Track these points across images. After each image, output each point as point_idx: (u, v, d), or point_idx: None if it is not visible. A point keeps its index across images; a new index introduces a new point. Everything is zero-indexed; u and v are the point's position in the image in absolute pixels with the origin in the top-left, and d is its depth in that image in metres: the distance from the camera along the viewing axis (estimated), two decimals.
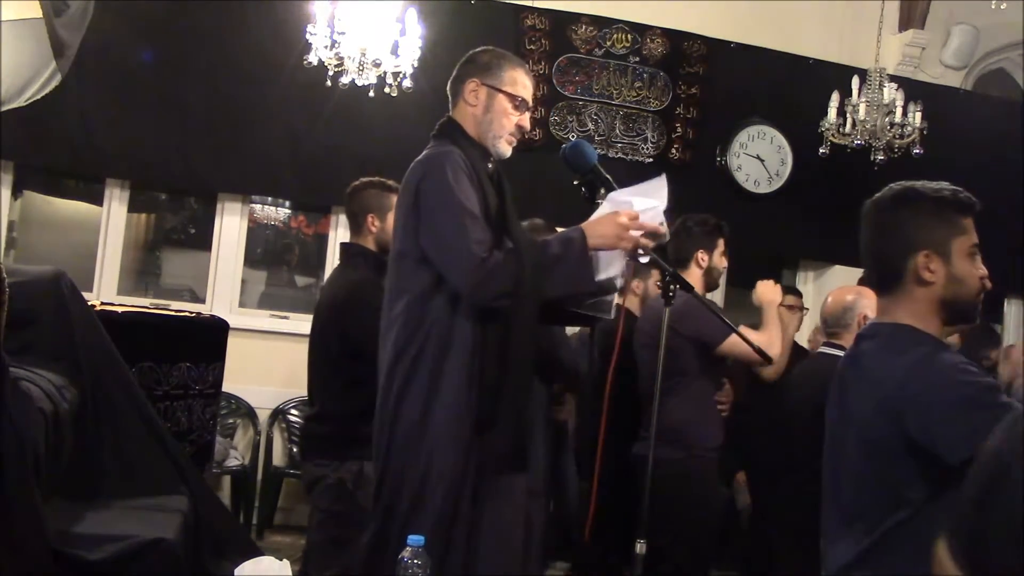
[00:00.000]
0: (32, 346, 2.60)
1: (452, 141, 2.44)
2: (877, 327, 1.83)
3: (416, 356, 2.33)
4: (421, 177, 2.36)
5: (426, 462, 2.29)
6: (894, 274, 1.78)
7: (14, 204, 5.66)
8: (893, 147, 5.33)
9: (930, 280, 1.74)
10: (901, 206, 1.79)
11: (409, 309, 2.36)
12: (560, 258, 2.27)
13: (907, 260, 1.75)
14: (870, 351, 1.78)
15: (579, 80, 5.93)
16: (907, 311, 1.77)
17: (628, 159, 5.95)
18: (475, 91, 2.47)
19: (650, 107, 6.03)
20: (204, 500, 2.90)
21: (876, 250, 1.83)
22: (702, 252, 3.52)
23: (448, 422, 2.30)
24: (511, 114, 2.47)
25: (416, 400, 2.32)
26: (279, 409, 5.59)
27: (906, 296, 1.77)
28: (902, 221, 1.78)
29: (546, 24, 5.87)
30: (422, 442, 2.30)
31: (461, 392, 2.30)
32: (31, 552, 2.04)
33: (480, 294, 2.25)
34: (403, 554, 1.81)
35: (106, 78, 5.20)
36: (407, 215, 2.39)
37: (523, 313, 2.26)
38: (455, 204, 2.28)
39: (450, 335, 2.31)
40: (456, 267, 2.26)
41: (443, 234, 2.29)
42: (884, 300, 1.83)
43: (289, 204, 6.12)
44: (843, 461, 1.80)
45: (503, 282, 2.23)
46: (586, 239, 2.28)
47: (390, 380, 2.37)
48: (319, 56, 4.56)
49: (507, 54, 2.57)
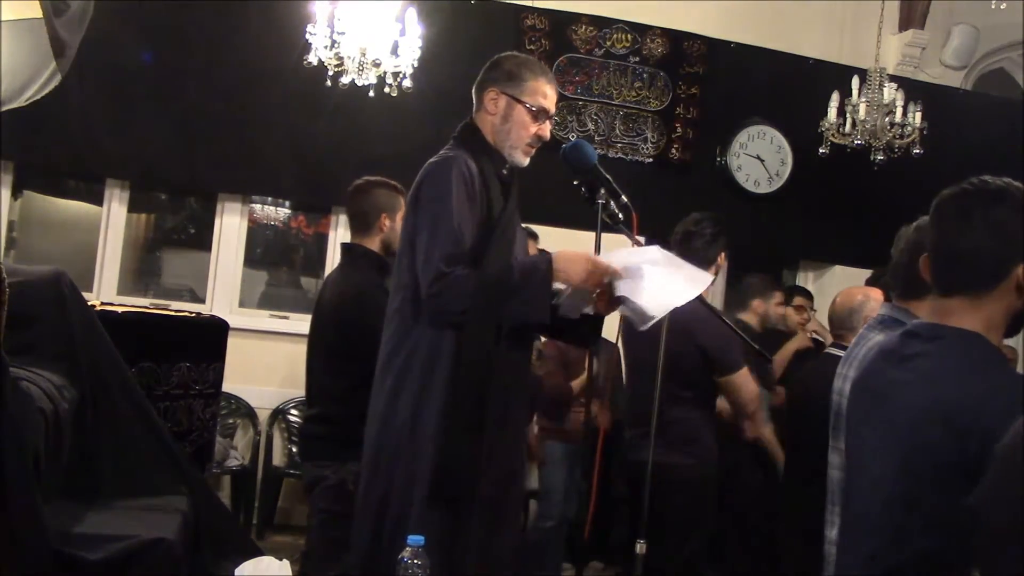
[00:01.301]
0: (32, 346, 2.60)
1: (467, 146, 2.45)
2: (940, 329, 1.63)
3: (408, 357, 2.33)
4: (423, 181, 2.38)
5: (414, 462, 2.30)
6: (990, 278, 1.59)
7: (14, 204, 5.66)
8: (893, 147, 5.33)
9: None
10: (1011, 206, 1.59)
11: (403, 309, 2.37)
12: (520, 286, 2.25)
13: (1016, 265, 1.57)
14: (934, 354, 1.61)
15: (579, 80, 5.93)
16: (981, 318, 1.60)
17: (628, 159, 5.95)
18: (495, 99, 2.47)
19: (650, 107, 6.03)
20: (204, 500, 2.89)
21: (978, 247, 1.60)
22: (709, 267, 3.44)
23: (438, 425, 2.30)
24: (529, 125, 2.46)
25: (408, 400, 2.32)
26: (279, 409, 5.59)
27: (991, 302, 1.60)
28: (1013, 222, 1.58)
29: (546, 24, 5.87)
30: (411, 442, 2.31)
31: (452, 392, 2.30)
32: (31, 552, 2.04)
33: (433, 307, 2.27)
34: (403, 554, 1.81)
35: (106, 78, 5.20)
36: (408, 216, 2.41)
37: (474, 334, 2.25)
38: (442, 214, 2.29)
39: (442, 336, 2.32)
40: (421, 276, 2.29)
41: (422, 241, 2.31)
42: (952, 301, 1.63)
43: (289, 204, 6.12)
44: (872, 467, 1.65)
45: (456, 301, 2.24)
46: (552, 270, 2.26)
47: (383, 379, 2.37)
48: (319, 56, 4.56)
49: (531, 61, 2.55)
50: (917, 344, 1.64)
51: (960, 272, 1.63)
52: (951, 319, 1.62)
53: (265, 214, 6.12)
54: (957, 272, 1.63)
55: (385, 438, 2.36)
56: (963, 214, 1.61)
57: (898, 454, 1.58)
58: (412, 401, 2.32)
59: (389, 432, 2.35)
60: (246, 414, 5.59)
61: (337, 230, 5.89)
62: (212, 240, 5.80)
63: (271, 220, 6.17)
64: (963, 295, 1.62)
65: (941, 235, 1.65)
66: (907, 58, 6.52)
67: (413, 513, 2.29)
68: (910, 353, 1.64)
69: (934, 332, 1.64)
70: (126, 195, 5.70)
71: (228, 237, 5.78)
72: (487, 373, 2.27)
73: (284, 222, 6.21)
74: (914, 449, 1.55)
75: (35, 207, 5.98)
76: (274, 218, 6.18)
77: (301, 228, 6.26)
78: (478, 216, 2.36)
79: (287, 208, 6.15)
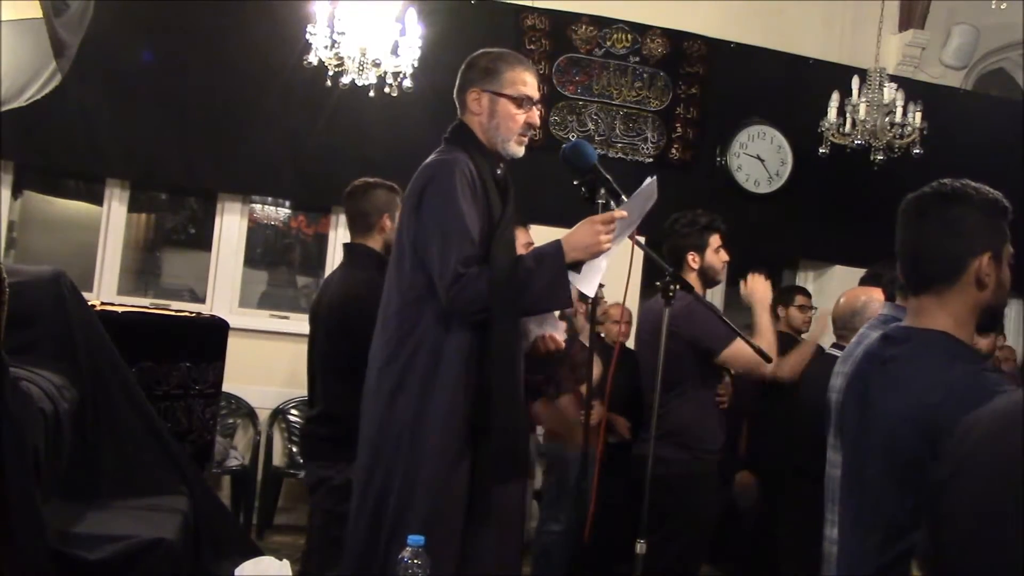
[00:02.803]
0: (32, 346, 2.60)
1: (462, 147, 2.45)
2: (909, 331, 1.72)
3: (409, 359, 2.33)
4: (427, 183, 2.38)
5: (416, 467, 2.30)
6: (950, 274, 1.67)
7: (14, 204, 5.66)
8: (893, 147, 5.33)
9: (987, 283, 1.67)
10: (967, 204, 1.68)
11: (403, 311, 2.37)
12: (533, 273, 2.29)
13: (971, 261, 1.66)
14: (904, 357, 1.68)
15: (579, 80, 5.93)
16: (949, 314, 1.68)
17: (628, 159, 5.95)
18: (477, 99, 2.48)
19: (650, 107, 6.03)
20: (204, 500, 2.90)
21: (934, 247, 1.69)
22: (692, 254, 3.45)
23: (441, 427, 2.30)
24: (516, 115, 2.47)
25: (408, 403, 2.32)
26: (279, 409, 5.59)
27: (954, 298, 1.68)
28: (969, 220, 1.67)
29: (546, 24, 5.87)
30: (413, 446, 2.31)
31: (456, 396, 2.31)
32: (31, 552, 2.04)
33: (457, 308, 2.29)
34: (403, 554, 1.81)
35: (106, 78, 5.20)
36: (408, 218, 2.39)
37: (501, 328, 2.29)
38: (451, 217, 2.31)
39: (444, 340, 2.33)
40: (439, 280, 2.30)
41: (434, 245, 2.31)
42: (921, 301, 1.72)
43: (289, 204, 6.12)
44: (864, 467, 1.72)
45: (476, 299, 2.26)
46: (562, 254, 2.30)
47: (381, 381, 2.37)
48: (319, 56, 4.56)
49: (505, 54, 2.56)
50: (891, 348, 1.73)
51: (922, 271, 1.73)
52: (922, 318, 1.71)
53: (265, 214, 6.12)
54: (920, 271, 1.73)
55: (383, 440, 2.35)
56: (921, 215, 1.72)
57: (882, 456, 1.65)
58: (414, 403, 2.32)
59: (388, 434, 2.34)
60: (246, 414, 5.59)
61: (337, 230, 5.89)
62: (212, 240, 5.80)
63: (271, 220, 6.17)
64: (929, 293, 1.71)
65: (903, 237, 1.76)
66: (907, 58, 6.52)
67: (413, 514, 2.28)
68: (887, 357, 1.73)
69: (904, 335, 1.73)
70: (126, 195, 5.71)
71: (228, 237, 5.78)
72: (517, 363, 2.36)
73: (284, 222, 6.21)
74: (896, 451, 1.62)
75: (35, 207, 5.97)
76: (274, 218, 6.18)
77: (301, 228, 6.27)
78: (483, 216, 2.36)
79: (287, 208, 6.15)
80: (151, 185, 5.89)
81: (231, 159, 5.49)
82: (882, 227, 2.85)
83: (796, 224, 6.26)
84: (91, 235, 5.69)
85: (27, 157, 5.36)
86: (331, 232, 5.96)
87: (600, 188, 2.42)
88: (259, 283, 6.14)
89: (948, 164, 4.86)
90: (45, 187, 5.96)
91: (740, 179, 6.14)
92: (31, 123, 4.90)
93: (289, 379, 5.45)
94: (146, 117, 5.31)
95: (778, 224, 6.17)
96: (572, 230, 2.35)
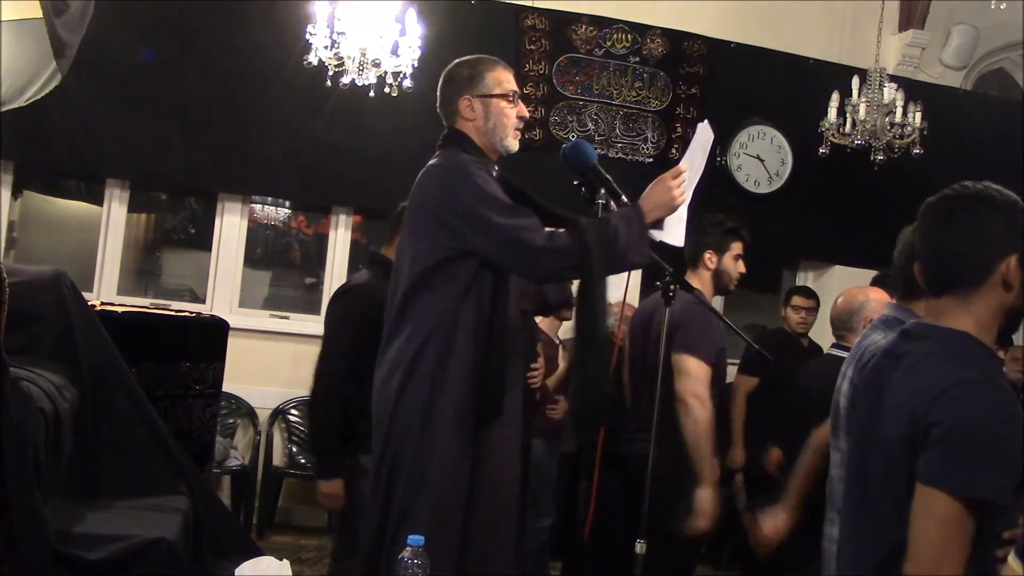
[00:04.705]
0: (32, 346, 2.60)
1: (461, 149, 2.49)
2: (930, 329, 1.70)
3: (417, 352, 2.35)
4: (447, 183, 2.41)
5: (426, 456, 2.32)
6: (977, 276, 1.66)
7: (14, 204, 5.66)
8: (893, 147, 5.32)
9: (1013, 285, 1.65)
10: (992, 207, 1.68)
11: (413, 308, 2.38)
12: (620, 232, 2.35)
13: (999, 262, 1.65)
14: (920, 353, 1.67)
15: (579, 80, 5.93)
16: (973, 316, 1.67)
17: (628, 159, 5.95)
18: (469, 105, 2.52)
19: (650, 107, 6.03)
20: (204, 500, 2.90)
21: (962, 249, 1.68)
22: (711, 253, 3.38)
23: (451, 417, 2.32)
24: (510, 111, 2.53)
25: (419, 394, 2.34)
26: (279, 409, 5.59)
27: (979, 300, 1.67)
28: (996, 222, 1.67)
29: (546, 24, 5.87)
30: (423, 436, 2.33)
31: (466, 387, 2.33)
32: (31, 552, 2.04)
33: (544, 270, 2.39)
34: (403, 554, 1.81)
35: (106, 78, 5.20)
36: (423, 219, 2.41)
37: (593, 285, 2.35)
38: (497, 200, 2.36)
39: (455, 331, 2.35)
40: (510, 250, 2.34)
41: (500, 229, 2.34)
42: (942, 302, 1.70)
43: (289, 204, 6.12)
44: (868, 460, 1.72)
45: (565, 257, 2.34)
46: (643, 214, 2.39)
47: (392, 373, 2.38)
48: (319, 56, 4.56)
49: (481, 59, 2.60)
50: (908, 343, 1.72)
51: (948, 273, 1.71)
52: (944, 319, 1.69)
53: (265, 214, 6.12)
54: (945, 273, 1.71)
55: (392, 432, 2.37)
56: (947, 217, 1.71)
57: (884, 450, 1.65)
58: (423, 395, 2.34)
59: (398, 426, 2.36)
60: (246, 414, 5.59)
61: (337, 230, 5.89)
62: (212, 240, 5.80)
63: (271, 220, 6.17)
64: (952, 295, 1.69)
65: (928, 239, 1.74)
66: (907, 58, 6.52)
67: (420, 505, 2.30)
68: (902, 352, 1.71)
69: (924, 332, 1.72)
70: (126, 195, 5.71)
71: (228, 237, 5.78)
72: (604, 322, 2.44)
73: (284, 222, 6.21)
74: (895, 441, 1.62)
75: (35, 207, 5.98)
76: (274, 218, 6.18)
77: (301, 228, 6.27)
78: None
79: (287, 208, 6.15)
80: (151, 185, 5.89)
81: (231, 159, 5.48)
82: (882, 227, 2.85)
83: (796, 224, 6.25)
84: (91, 235, 5.69)
85: (27, 157, 5.36)
86: (331, 232, 5.96)
87: (600, 188, 2.44)
88: (260, 283, 6.14)
89: (948, 164, 4.88)
90: (45, 187, 5.96)
91: (740, 179, 6.14)
92: (31, 123, 4.90)
93: (289, 379, 5.45)
94: (146, 117, 5.31)
95: (778, 224, 6.16)
96: (645, 192, 2.44)
